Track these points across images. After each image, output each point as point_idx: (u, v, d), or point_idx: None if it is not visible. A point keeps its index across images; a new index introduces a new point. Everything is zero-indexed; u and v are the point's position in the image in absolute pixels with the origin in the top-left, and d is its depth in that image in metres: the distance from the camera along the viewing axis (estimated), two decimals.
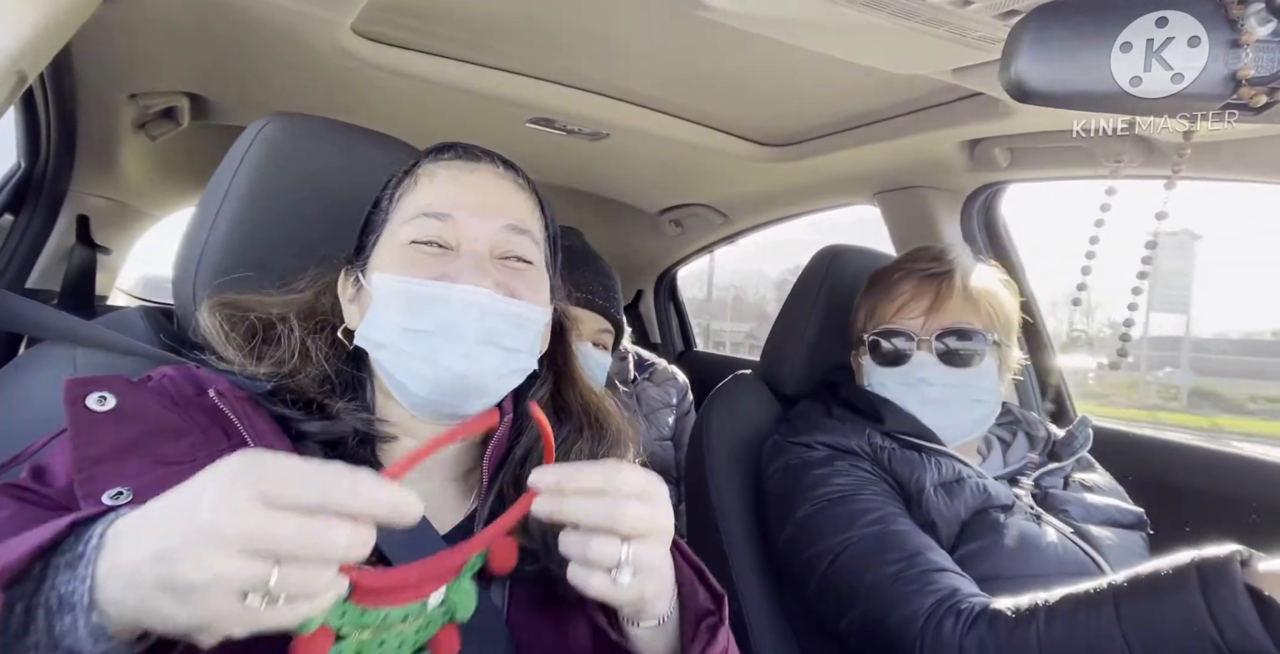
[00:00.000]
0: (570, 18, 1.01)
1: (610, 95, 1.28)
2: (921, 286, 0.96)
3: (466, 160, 0.62)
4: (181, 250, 0.73)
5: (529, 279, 0.60)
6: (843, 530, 0.84)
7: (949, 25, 0.77)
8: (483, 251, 0.57)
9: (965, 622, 0.71)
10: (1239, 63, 0.45)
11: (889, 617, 0.76)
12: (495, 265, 0.58)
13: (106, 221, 1.74)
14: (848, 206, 1.73)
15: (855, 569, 0.81)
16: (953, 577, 0.78)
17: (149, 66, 1.25)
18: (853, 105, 1.24)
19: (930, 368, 0.94)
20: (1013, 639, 0.68)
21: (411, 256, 0.57)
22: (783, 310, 1.19)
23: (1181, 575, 0.61)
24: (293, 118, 0.76)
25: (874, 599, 0.78)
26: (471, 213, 0.58)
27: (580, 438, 0.63)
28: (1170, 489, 1.13)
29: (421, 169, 0.62)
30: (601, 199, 2.01)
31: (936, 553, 0.81)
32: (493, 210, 0.59)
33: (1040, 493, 0.95)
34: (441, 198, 0.59)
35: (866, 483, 0.89)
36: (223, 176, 0.73)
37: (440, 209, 0.58)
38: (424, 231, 0.57)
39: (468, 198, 0.59)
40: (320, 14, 1.00)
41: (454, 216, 0.57)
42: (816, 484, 0.89)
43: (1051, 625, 0.67)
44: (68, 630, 0.36)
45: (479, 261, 0.57)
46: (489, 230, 0.58)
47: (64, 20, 0.82)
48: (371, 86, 1.23)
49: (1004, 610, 0.70)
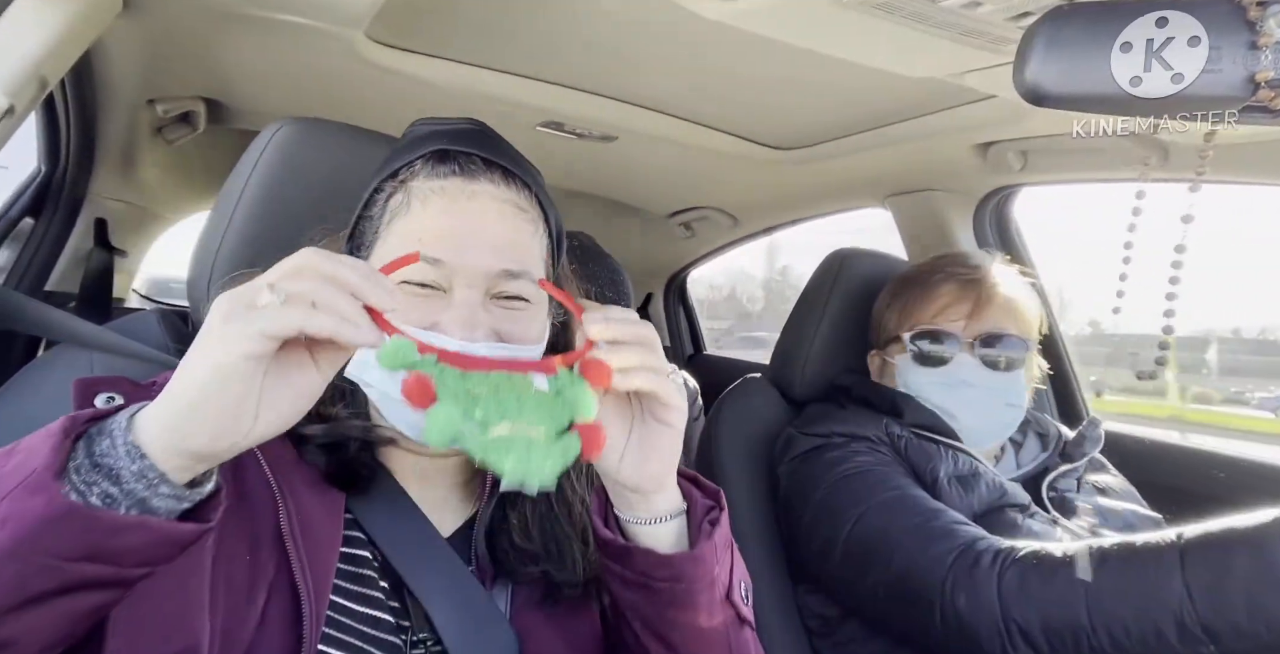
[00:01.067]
0: (581, 22, 1.02)
1: (620, 99, 1.28)
2: (965, 290, 0.95)
3: (464, 178, 0.56)
4: (196, 253, 0.74)
5: (524, 319, 0.56)
6: (862, 500, 0.84)
7: (960, 28, 0.77)
8: (476, 298, 0.53)
9: (1005, 558, 0.69)
10: (1258, 65, 0.44)
11: (916, 562, 0.74)
12: (489, 307, 0.54)
13: (123, 225, 1.76)
14: (859, 210, 1.72)
15: (878, 525, 0.80)
16: (974, 528, 0.77)
17: (167, 72, 1.27)
18: (864, 108, 1.23)
19: (972, 370, 0.93)
20: (1055, 580, 0.65)
21: (400, 300, 0.52)
22: (793, 314, 1.19)
23: (1265, 529, 0.58)
24: (306, 122, 0.77)
25: (899, 549, 0.76)
26: (466, 255, 0.53)
27: None
28: (1183, 493, 1.11)
29: (415, 185, 0.56)
30: (611, 202, 2.01)
31: (954, 513, 0.80)
32: (489, 250, 0.54)
33: (1056, 496, 0.93)
34: (434, 235, 0.54)
35: (886, 462, 0.89)
36: (237, 180, 0.74)
37: (433, 252, 0.52)
38: (414, 274, 0.53)
39: (463, 235, 0.54)
40: (335, 20, 1.01)
41: (447, 263, 0.53)
42: (833, 464, 0.90)
43: (1103, 570, 0.63)
44: (106, 451, 0.38)
45: (471, 310, 0.53)
46: (484, 274, 0.53)
47: (84, 28, 0.84)
48: (384, 91, 1.24)
49: (1051, 551, 0.67)
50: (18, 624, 0.37)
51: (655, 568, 0.51)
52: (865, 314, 1.14)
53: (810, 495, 0.90)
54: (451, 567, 0.56)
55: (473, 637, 0.54)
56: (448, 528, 0.59)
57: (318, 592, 0.50)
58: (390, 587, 0.55)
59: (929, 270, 1.01)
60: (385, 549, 0.55)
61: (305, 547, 0.50)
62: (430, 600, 0.54)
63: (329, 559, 0.51)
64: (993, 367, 0.93)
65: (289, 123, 0.76)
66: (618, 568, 0.52)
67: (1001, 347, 0.93)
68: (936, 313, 0.96)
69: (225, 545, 0.48)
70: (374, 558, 0.55)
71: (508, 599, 0.59)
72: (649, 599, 0.52)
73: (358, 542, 0.55)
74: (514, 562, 0.58)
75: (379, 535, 0.55)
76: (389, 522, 0.56)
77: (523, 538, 0.58)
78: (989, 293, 0.95)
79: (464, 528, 0.61)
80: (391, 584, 0.55)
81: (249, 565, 0.49)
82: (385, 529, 0.56)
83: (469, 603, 0.56)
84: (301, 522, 0.51)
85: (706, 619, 0.52)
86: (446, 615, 0.54)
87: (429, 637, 0.54)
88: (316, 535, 0.51)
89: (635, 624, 0.53)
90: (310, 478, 0.54)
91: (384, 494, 0.57)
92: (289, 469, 0.53)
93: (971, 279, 0.96)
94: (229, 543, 0.49)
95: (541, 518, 0.59)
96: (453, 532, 0.60)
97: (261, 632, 0.48)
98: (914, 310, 0.98)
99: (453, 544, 0.58)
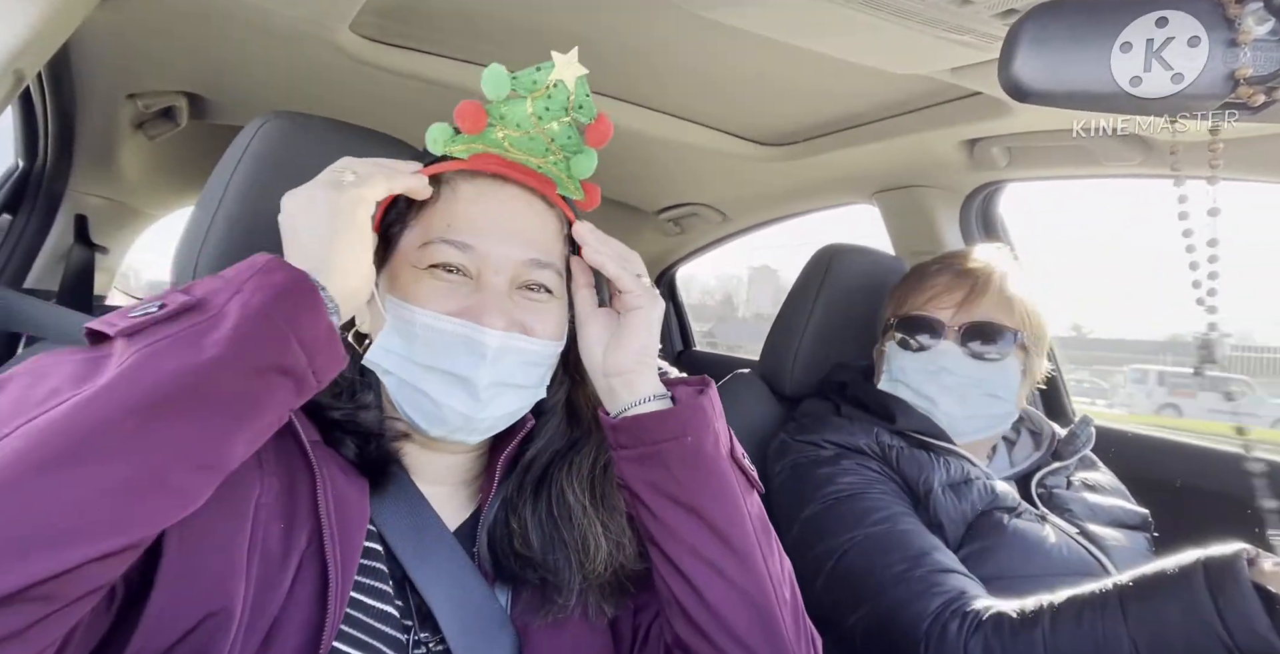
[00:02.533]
0: (568, 17, 1.01)
1: (608, 94, 1.28)
2: (957, 280, 0.96)
3: (496, 181, 0.58)
4: (180, 249, 0.73)
5: (547, 312, 0.57)
6: (850, 528, 0.84)
7: (947, 24, 0.77)
8: (503, 286, 0.55)
9: (970, 625, 0.71)
10: (1237, 62, 0.45)
11: (895, 617, 0.76)
12: (515, 298, 0.56)
13: (104, 221, 1.74)
14: (847, 206, 1.73)
15: (861, 567, 0.81)
16: (959, 578, 0.78)
17: (147, 66, 1.25)
18: (851, 105, 1.24)
19: (952, 358, 0.94)
20: (1017, 642, 0.68)
21: (430, 285, 0.55)
22: (782, 309, 1.19)
23: (1188, 575, 0.60)
24: (290, 117, 0.76)
25: (880, 599, 0.78)
26: (496, 242, 0.55)
27: (588, 443, 0.62)
28: (1173, 489, 1.13)
29: (446, 176, 0.57)
30: (601, 198, 2.01)
31: (943, 553, 0.81)
32: (519, 240, 0.56)
33: (1045, 492, 0.95)
34: (465, 222, 0.55)
35: (874, 481, 0.89)
36: (221, 176, 0.73)
37: (463, 237, 0.55)
38: (445, 257, 0.55)
39: (493, 223, 0.56)
40: (319, 13, 1.00)
41: (477, 248, 0.55)
42: (823, 482, 0.89)
43: (1057, 628, 0.66)
44: None
45: (499, 298, 0.55)
46: (512, 262, 0.55)
47: (61, 20, 0.82)
48: (369, 85, 1.23)
49: (1009, 613, 0.70)
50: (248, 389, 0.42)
51: (658, 427, 0.54)
52: (854, 309, 1.14)
53: (798, 513, 0.90)
54: (457, 564, 0.57)
55: (475, 635, 0.54)
56: (452, 524, 0.59)
57: (345, 568, 0.50)
58: (396, 583, 0.55)
59: (932, 262, 1.02)
60: (394, 542, 0.55)
61: (338, 522, 0.51)
62: (434, 597, 0.54)
63: (357, 537, 0.52)
64: (976, 356, 0.93)
65: (274, 118, 0.75)
66: (628, 446, 0.55)
67: (986, 336, 0.93)
68: (926, 301, 0.96)
69: (262, 514, 0.49)
70: (383, 552, 0.55)
71: (508, 600, 0.59)
72: (664, 467, 0.54)
73: (370, 534, 0.55)
74: (514, 565, 0.58)
75: (389, 527, 0.56)
76: (399, 514, 0.56)
77: (522, 545, 0.58)
78: (983, 283, 0.95)
79: (467, 524, 0.61)
80: (397, 580, 0.55)
81: (283, 534, 0.49)
82: (395, 522, 0.56)
83: (472, 601, 0.56)
84: (336, 497, 0.51)
85: (721, 477, 0.55)
86: (450, 614, 0.54)
87: (431, 637, 0.54)
88: (347, 513, 0.52)
89: (664, 507, 0.55)
90: (340, 463, 0.54)
91: (396, 487, 0.57)
92: (322, 451, 0.54)
93: (966, 269, 0.97)
94: (266, 512, 0.49)
95: (542, 526, 0.59)
96: (456, 527, 0.60)
97: (289, 602, 0.48)
98: (907, 298, 0.99)
99: (459, 537, 0.58)
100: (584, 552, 0.58)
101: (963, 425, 0.95)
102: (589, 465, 0.61)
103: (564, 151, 0.57)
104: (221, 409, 0.41)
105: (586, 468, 0.61)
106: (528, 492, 0.60)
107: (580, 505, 0.59)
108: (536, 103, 0.55)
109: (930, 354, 0.95)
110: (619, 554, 0.59)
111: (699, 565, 0.54)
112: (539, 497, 0.60)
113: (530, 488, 0.60)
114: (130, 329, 0.41)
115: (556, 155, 0.57)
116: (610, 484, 0.61)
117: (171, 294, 0.43)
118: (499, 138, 0.56)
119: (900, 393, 0.97)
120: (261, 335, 0.42)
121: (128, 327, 0.41)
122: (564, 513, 0.59)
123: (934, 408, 0.95)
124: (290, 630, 0.48)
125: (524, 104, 0.55)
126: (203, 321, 0.41)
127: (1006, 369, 0.94)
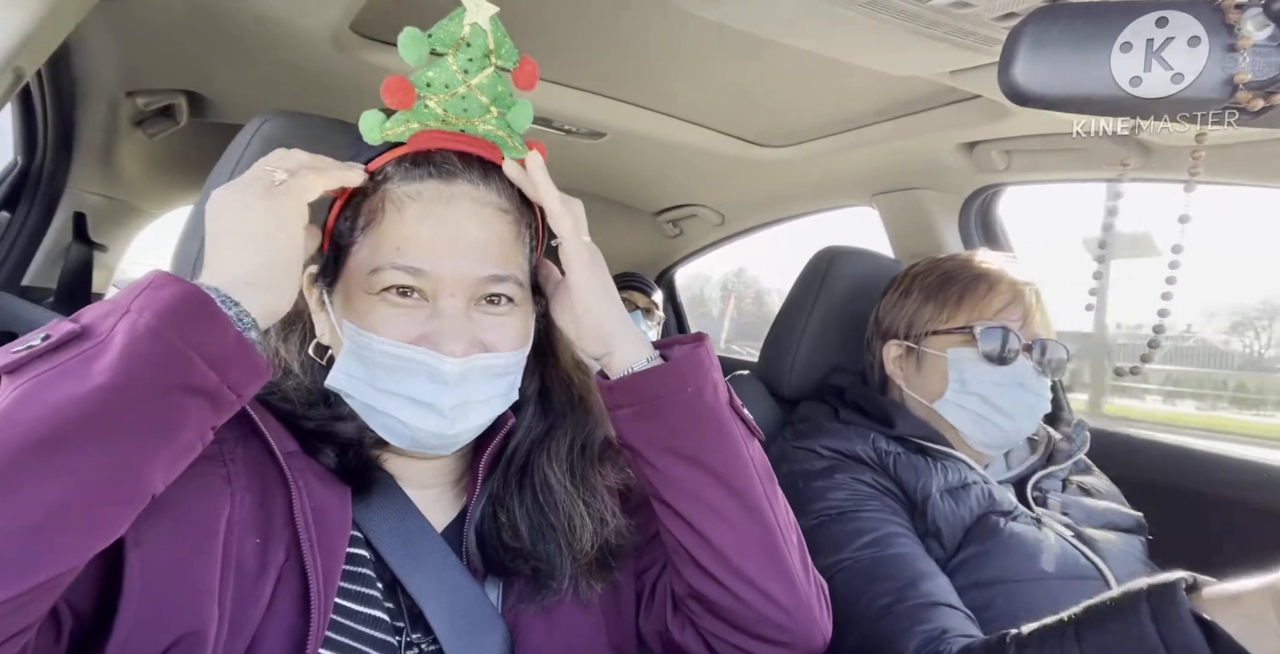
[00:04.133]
0: (568, 18, 1.01)
1: (608, 95, 1.28)
2: (1019, 292, 0.94)
3: (441, 180, 0.53)
4: (178, 249, 0.73)
5: (508, 325, 0.55)
6: (838, 550, 0.83)
7: (947, 27, 0.77)
8: (460, 306, 0.53)
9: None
10: (1236, 67, 0.45)
11: (878, 648, 0.75)
12: (474, 315, 0.54)
13: (103, 219, 1.73)
14: (846, 208, 1.73)
15: (848, 595, 0.80)
16: (944, 612, 0.77)
17: (147, 64, 1.25)
18: (851, 107, 1.24)
19: (1027, 374, 0.92)
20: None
21: (385, 311, 0.52)
22: (781, 311, 1.19)
23: (1134, 604, 0.60)
24: (290, 116, 0.76)
25: (864, 631, 0.77)
26: (449, 262, 0.52)
27: (563, 425, 0.62)
28: (1167, 492, 1.13)
29: (390, 189, 0.53)
30: (599, 199, 2.01)
31: (931, 581, 0.80)
32: (472, 257, 0.53)
33: (1040, 496, 0.94)
34: (414, 244, 0.52)
35: (866, 498, 0.88)
36: (220, 174, 0.73)
37: (415, 262, 0.51)
38: (398, 282, 0.52)
39: (444, 242, 0.52)
40: (318, 12, 1.00)
41: (429, 272, 0.52)
42: (815, 498, 0.88)
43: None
44: None
45: (457, 320, 0.52)
46: (467, 281, 0.53)
47: (61, 17, 0.82)
48: (370, 85, 1.22)
49: (976, 649, 0.70)
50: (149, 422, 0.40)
51: (657, 383, 0.54)
52: (854, 312, 1.14)
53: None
54: (446, 564, 0.56)
55: (466, 636, 0.54)
56: (439, 524, 0.59)
57: (327, 579, 0.50)
58: (386, 586, 0.55)
59: (974, 264, 0.98)
60: (381, 546, 0.55)
61: (317, 531, 0.50)
62: (425, 599, 0.54)
63: (339, 547, 0.51)
64: (1045, 372, 0.93)
65: (274, 116, 0.75)
66: (625, 405, 0.55)
67: (1053, 351, 0.93)
68: (999, 310, 0.94)
69: (235, 531, 0.48)
70: (370, 557, 0.55)
71: (499, 594, 0.59)
72: (664, 421, 0.54)
73: (355, 540, 0.55)
74: (504, 558, 0.58)
75: (375, 532, 0.55)
76: (386, 519, 0.56)
77: (512, 537, 0.58)
78: (1035, 297, 0.94)
79: (454, 524, 0.61)
80: (387, 583, 0.55)
81: (259, 549, 0.49)
82: (382, 526, 0.56)
83: (463, 601, 0.56)
84: (314, 507, 0.51)
85: (722, 426, 0.55)
86: (441, 614, 0.54)
87: (423, 638, 0.54)
88: (327, 523, 0.51)
89: (667, 461, 0.55)
90: (319, 471, 0.54)
91: (381, 492, 0.57)
92: (299, 462, 0.53)
93: (1013, 281, 0.95)
94: (240, 528, 0.49)
95: (529, 515, 0.59)
96: (443, 528, 0.60)
97: (269, 616, 0.48)
98: (976, 304, 0.94)
99: (446, 537, 0.58)
100: (570, 532, 0.58)
101: (1005, 439, 0.94)
102: (566, 446, 0.61)
103: (497, 106, 0.55)
104: (124, 436, 0.39)
105: (564, 449, 0.61)
106: (513, 484, 0.60)
107: (562, 486, 0.60)
108: (459, 57, 0.53)
109: (1011, 368, 0.92)
110: (603, 531, 0.59)
111: (706, 513, 0.54)
112: (523, 486, 0.60)
113: (515, 480, 0.60)
114: (12, 365, 0.39)
115: (493, 114, 0.55)
116: (590, 463, 0.62)
117: (57, 324, 0.41)
118: (433, 107, 0.54)
119: (970, 404, 0.94)
120: (155, 356, 0.40)
121: (9, 363, 0.39)
122: (548, 498, 0.60)
123: (1006, 421, 0.93)
124: (272, 643, 0.48)
125: (447, 62, 0.53)
126: (89, 348, 0.40)
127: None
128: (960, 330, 0.95)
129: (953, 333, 0.95)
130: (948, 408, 0.95)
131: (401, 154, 0.54)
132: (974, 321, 0.94)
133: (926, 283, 1.00)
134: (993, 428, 0.93)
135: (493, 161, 0.56)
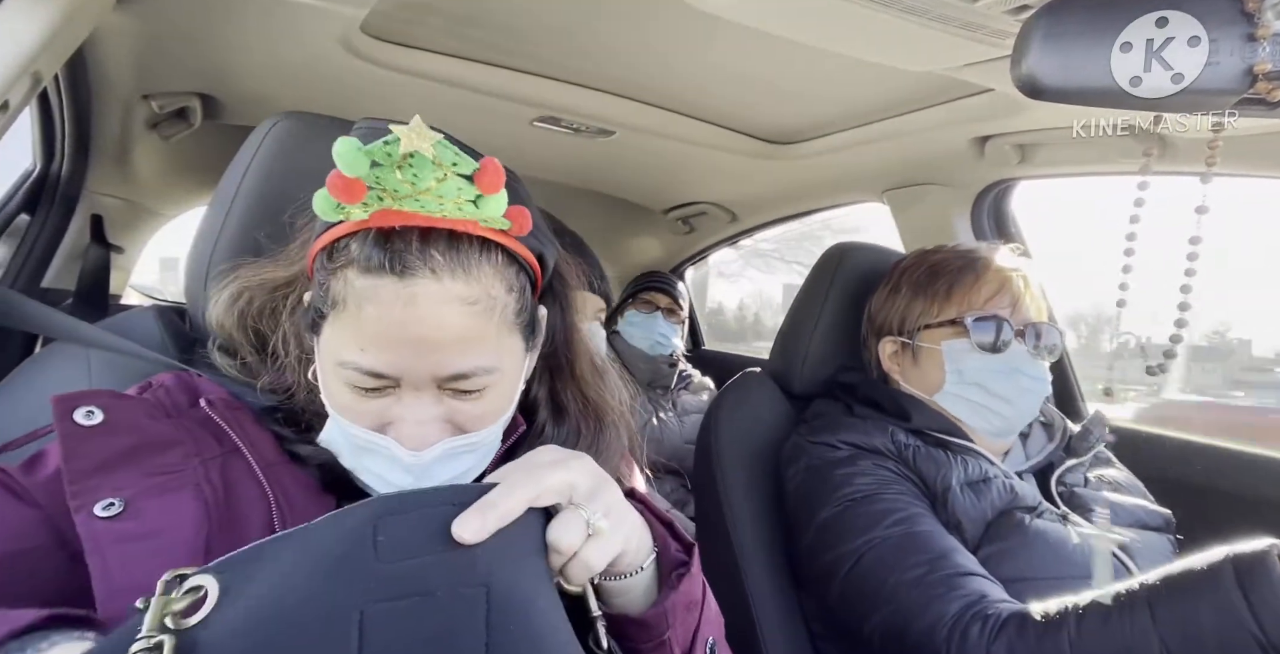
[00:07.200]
0: (577, 16, 1.01)
1: (617, 93, 1.28)
2: (1008, 279, 0.94)
3: (397, 278, 0.48)
4: (193, 249, 0.74)
5: (484, 401, 0.52)
6: (866, 531, 0.82)
7: (959, 21, 0.76)
8: (427, 398, 0.51)
9: (992, 628, 0.70)
10: (1255, 57, 0.44)
11: (913, 622, 0.74)
12: (443, 399, 0.51)
13: (119, 221, 1.76)
14: (857, 204, 1.72)
15: (879, 572, 0.79)
16: (980, 581, 0.76)
17: (162, 67, 1.27)
18: (861, 102, 1.23)
19: (1023, 359, 0.92)
20: (1042, 646, 0.66)
21: (351, 397, 0.51)
22: (792, 308, 1.19)
23: (1217, 573, 0.59)
24: (302, 116, 0.76)
25: (898, 603, 0.77)
26: (409, 365, 0.49)
27: (579, 438, 0.61)
28: (1195, 490, 1.11)
29: (350, 276, 0.49)
30: (608, 198, 2.01)
31: (963, 555, 0.79)
32: (435, 357, 0.49)
33: (1066, 491, 0.93)
34: (375, 345, 0.49)
35: (890, 482, 0.87)
36: (233, 175, 0.74)
37: (376, 367, 0.49)
38: (359, 383, 0.50)
39: (403, 346, 0.48)
40: (330, 14, 1.00)
41: (391, 375, 0.49)
42: (839, 485, 0.88)
43: (1083, 630, 0.65)
44: None
45: (423, 409, 0.51)
46: (433, 380, 0.50)
47: (77, 22, 0.83)
48: (381, 85, 1.24)
49: (1033, 615, 0.69)
50: None
51: (642, 632, 0.49)
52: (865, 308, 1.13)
53: (813, 515, 0.89)
54: None
55: None
56: None
57: None
58: None
59: (963, 256, 0.98)
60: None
61: None
62: None
63: None
64: (1040, 355, 0.93)
65: (285, 117, 0.75)
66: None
67: (1047, 335, 0.93)
68: (988, 298, 0.94)
69: (215, 549, 0.48)
70: None
71: None
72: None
73: None
74: None
75: None
76: None
77: None
78: (1028, 283, 0.95)
79: None
80: None
81: None
82: None
83: None
84: (294, 521, 0.51)
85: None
86: None
87: None
88: None
89: None
90: (303, 483, 0.54)
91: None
92: (280, 473, 0.53)
93: (1011, 268, 0.95)
94: (217, 544, 0.49)
95: None
96: None
97: None
98: (965, 295, 0.95)
99: None
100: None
101: (1008, 425, 0.94)
102: None
103: (462, 196, 0.48)
104: None
105: None
106: None
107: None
108: (403, 171, 0.47)
109: (1007, 355, 0.92)
110: None
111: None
112: None
113: None
114: None
115: (458, 201, 0.48)
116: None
117: None
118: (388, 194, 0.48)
119: (970, 394, 0.94)
120: None
121: None
122: None
123: (1006, 407, 0.92)
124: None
125: (392, 172, 0.47)
126: None
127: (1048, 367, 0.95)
128: (952, 322, 0.95)
129: (945, 325, 0.95)
130: (948, 400, 0.95)
131: (364, 228, 0.49)
132: (964, 312, 0.94)
133: (914, 277, 1.00)
134: (994, 416, 0.93)
135: (466, 233, 0.49)
